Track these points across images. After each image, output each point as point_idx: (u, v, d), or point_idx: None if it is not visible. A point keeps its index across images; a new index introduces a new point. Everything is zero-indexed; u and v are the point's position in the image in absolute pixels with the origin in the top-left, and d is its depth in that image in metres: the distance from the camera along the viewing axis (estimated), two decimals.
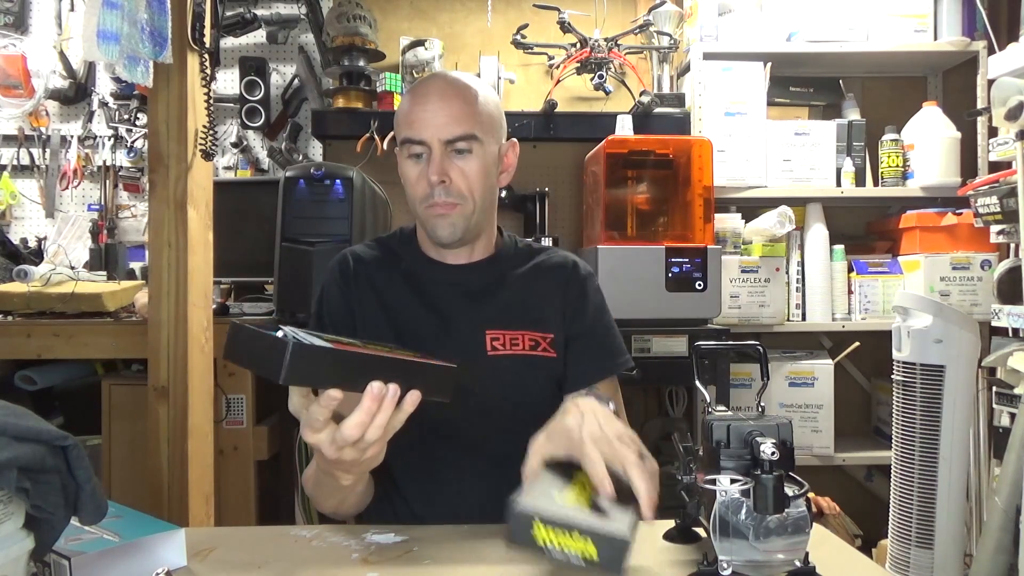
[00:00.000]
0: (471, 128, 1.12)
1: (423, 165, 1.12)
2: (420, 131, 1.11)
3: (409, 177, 1.15)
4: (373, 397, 0.76)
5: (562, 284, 1.21)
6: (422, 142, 1.11)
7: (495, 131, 1.17)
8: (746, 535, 0.74)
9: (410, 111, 1.13)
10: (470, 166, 1.12)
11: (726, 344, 1.08)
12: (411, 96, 1.16)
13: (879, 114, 2.60)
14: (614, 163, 2.22)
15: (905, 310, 2.01)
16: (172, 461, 1.67)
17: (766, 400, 0.85)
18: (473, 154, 1.13)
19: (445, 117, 1.11)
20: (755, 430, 0.75)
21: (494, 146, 1.17)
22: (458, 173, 1.12)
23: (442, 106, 1.11)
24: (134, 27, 1.45)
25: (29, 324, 2.04)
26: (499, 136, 1.19)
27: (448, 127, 1.11)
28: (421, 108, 1.12)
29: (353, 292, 1.18)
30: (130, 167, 2.69)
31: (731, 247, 2.44)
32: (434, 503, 1.10)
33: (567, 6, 2.48)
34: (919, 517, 1.95)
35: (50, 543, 0.68)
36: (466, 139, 1.12)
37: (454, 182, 1.12)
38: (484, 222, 1.19)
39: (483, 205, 1.16)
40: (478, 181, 1.13)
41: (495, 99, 1.19)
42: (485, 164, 1.14)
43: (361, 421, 0.76)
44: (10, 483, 0.60)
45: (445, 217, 1.13)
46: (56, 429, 0.64)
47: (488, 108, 1.15)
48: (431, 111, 1.11)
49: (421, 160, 1.13)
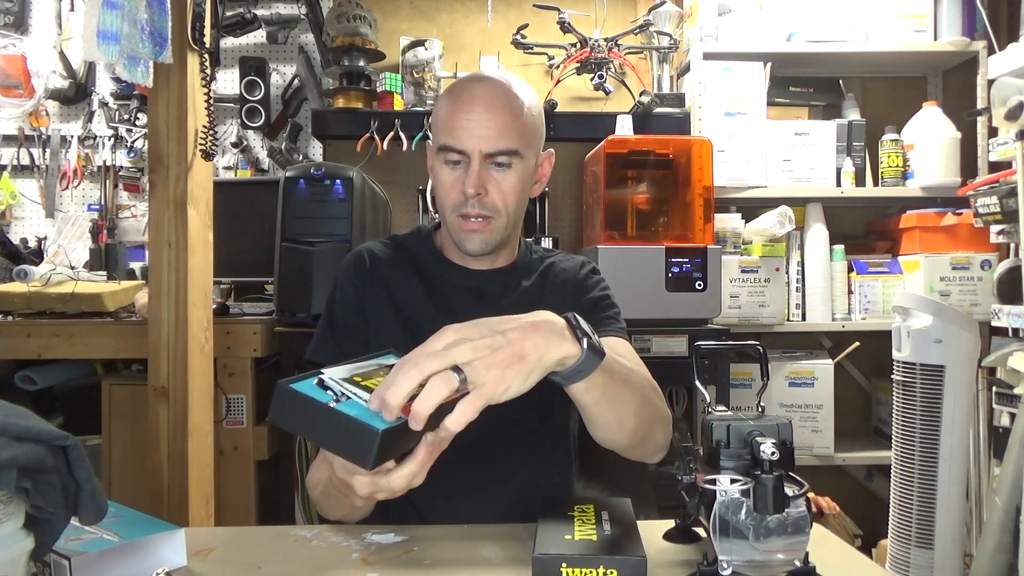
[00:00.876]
0: (514, 143, 1.08)
1: (459, 173, 1.09)
2: (461, 140, 1.07)
3: (443, 182, 1.11)
4: (428, 452, 0.71)
5: (571, 287, 1.21)
6: (462, 152, 1.07)
7: (536, 144, 1.14)
8: (746, 535, 0.74)
9: (452, 116, 1.08)
10: (508, 181, 1.09)
11: (726, 344, 1.08)
12: (453, 99, 1.10)
13: (879, 114, 2.61)
14: (614, 163, 2.22)
15: (905, 310, 2.01)
16: (172, 461, 1.67)
17: (766, 400, 0.85)
18: (512, 169, 1.09)
19: (489, 129, 1.06)
20: (755, 430, 0.75)
21: (533, 159, 1.14)
22: (495, 187, 1.09)
23: (487, 117, 1.06)
24: (134, 27, 1.45)
25: (29, 324, 2.04)
26: (538, 148, 1.15)
27: (491, 140, 1.06)
28: (465, 116, 1.07)
29: (367, 291, 1.16)
30: (130, 167, 2.69)
31: (731, 247, 2.44)
32: (439, 507, 1.10)
33: (567, 6, 2.48)
34: (919, 517, 1.95)
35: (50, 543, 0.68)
36: (508, 154, 1.08)
37: (490, 195, 1.09)
38: (513, 234, 1.17)
39: (515, 219, 1.14)
40: (513, 196, 1.10)
41: (539, 109, 1.15)
42: (523, 178, 1.11)
43: (412, 472, 0.71)
44: (10, 483, 0.60)
45: (478, 234, 1.10)
46: (56, 429, 0.64)
47: (532, 120, 1.12)
48: (475, 121, 1.06)
49: (458, 167, 1.09)
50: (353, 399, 0.68)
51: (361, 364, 0.78)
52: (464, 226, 1.10)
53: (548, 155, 1.19)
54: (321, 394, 0.67)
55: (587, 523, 0.86)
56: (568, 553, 0.77)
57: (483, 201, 1.08)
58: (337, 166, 2.14)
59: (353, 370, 0.75)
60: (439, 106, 1.13)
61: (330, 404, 0.66)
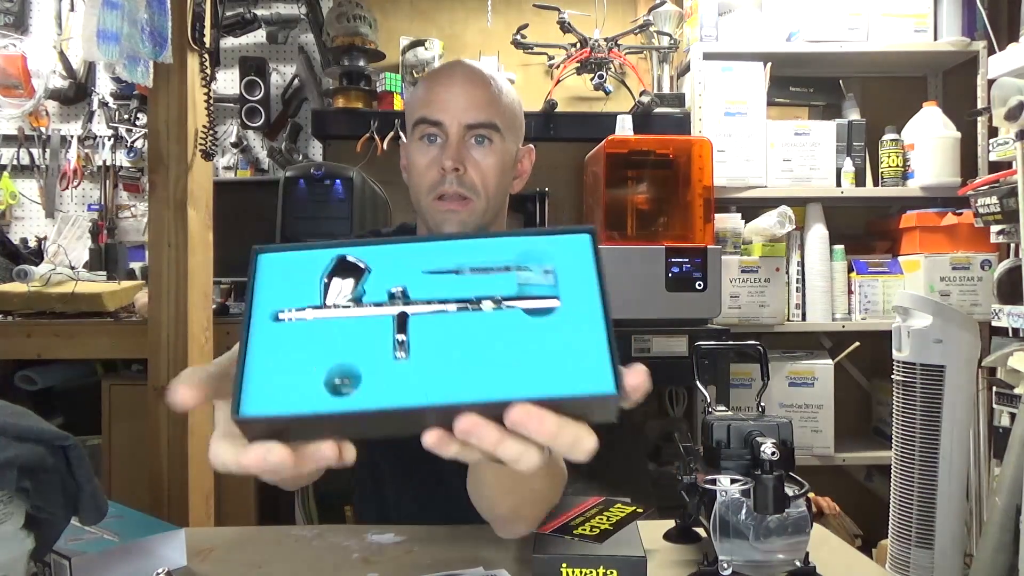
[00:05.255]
0: (494, 116, 1.05)
1: (436, 151, 1.05)
2: (439, 111, 1.03)
3: (418, 163, 1.06)
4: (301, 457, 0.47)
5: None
6: (439, 123, 1.03)
7: (515, 130, 1.11)
8: (746, 535, 0.74)
9: (429, 91, 1.06)
10: (488, 159, 1.05)
11: (726, 344, 1.08)
12: (431, 78, 1.10)
13: (879, 114, 2.60)
14: (614, 163, 2.22)
15: (905, 310, 2.01)
16: (172, 461, 1.67)
17: (766, 400, 0.85)
18: (493, 146, 1.06)
19: (468, 101, 1.04)
20: (755, 430, 0.75)
21: (513, 146, 1.10)
22: (474, 164, 1.04)
23: (466, 90, 1.04)
24: (134, 27, 1.45)
25: (29, 324, 2.04)
26: (518, 137, 1.12)
27: (470, 111, 1.03)
28: (444, 88, 1.05)
29: None
30: (130, 167, 2.69)
31: (731, 247, 2.44)
32: (437, 507, 1.10)
33: (567, 6, 2.48)
34: (919, 517, 1.95)
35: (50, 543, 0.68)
36: (487, 127, 1.05)
37: (468, 172, 1.04)
38: (492, 224, 1.12)
39: (494, 205, 1.09)
40: (493, 176, 1.06)
41: (519, 100, 1.13)
42: (503, 161, 1.07)
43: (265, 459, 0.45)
44: (10, 483, 0.60)
45: (455, 214, 1.05)
46: (56, 429, 0.64)
47: (511, 105, 1.09)
48: (454, 93, 1.04)
49: (434, 144, 1.05)
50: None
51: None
52: (440, 206, 1.05)
53: (528, 150, 1.16)
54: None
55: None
56: (568, 553, 0.77)
57: (462, 178, 1.04)
58: (337, 166, 2.14)
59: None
60: (414, 90, 1.11)
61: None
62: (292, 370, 0.43)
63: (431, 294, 0.47)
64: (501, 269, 0.48)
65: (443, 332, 0.45)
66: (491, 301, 0.46)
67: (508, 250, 0.49)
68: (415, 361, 0.44)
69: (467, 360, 0.43)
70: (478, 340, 0.44)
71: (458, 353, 0.44)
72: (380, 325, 0.45)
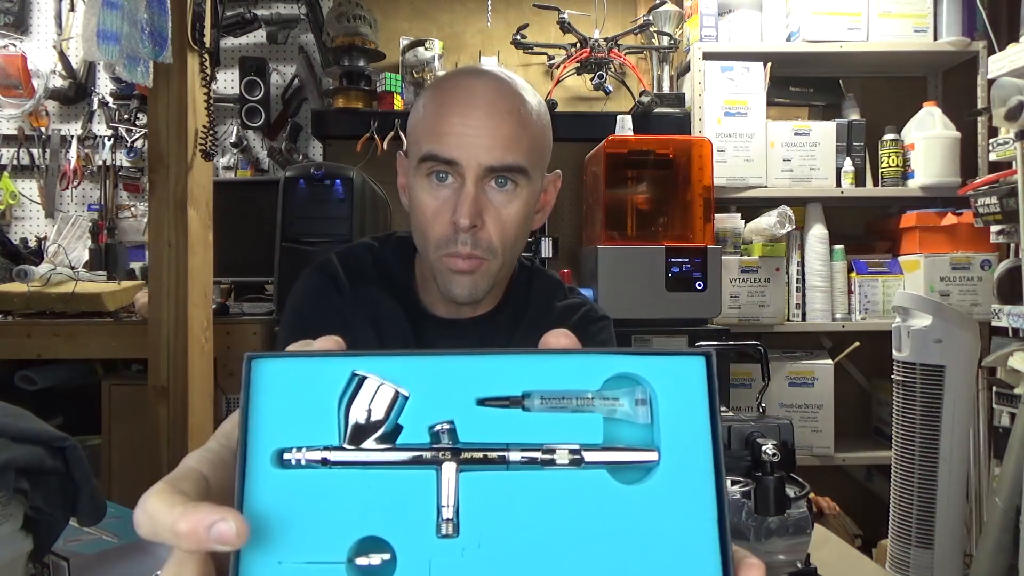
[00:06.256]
0: (522, 158, 0.85)
1: (447, 195, 0.85)
2: (453, 148, 0.83)
3: (424, 206, 0.86)
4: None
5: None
6: (454, 163, 0.84)
7: (544, 162, 0.92)
8: (747, 536, 0.73)
9: (441, 118, 0.85)
10: (510, 207, 0.86)
11: (726, 344, 1.08)
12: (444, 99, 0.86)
13: (879, 114, 2.60)
14: (614, 163, 2.22)
15: (905, 310, 2.01)
16: (172, 461, 1.67)
17: (765, 400, 0.85)
18: (517, 191, 0.87)
19: (492, 137, 0.84)
20: (756, 431, 0.75)
21: (539, 182, 0.92)
22: (493, 215, 0.86)
23: (490, 123, 0.84)
24: (134, 27, 1.45)
25: (29, 324, 2.04)
26: (545, 167, 0.93)
27: (494, 152, 0.84)
28: (460, 119, 0.84)
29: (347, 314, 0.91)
30: (130, 167, 2.69)
31: (731, 247, 2.44)
32: None
33: (567, 6, 2.48)
34: (919, 517, 1.95)
35: (49, 544, 0.68)
36: (513, 171, 0.85)
37: (486, 228, 0.85)
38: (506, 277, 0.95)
39: (512, 259, 0.91)
40: (514, 228, 0.88)
41: (548, 117, 0.93)
42: (527, 206, 0.89)
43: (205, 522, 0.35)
44: (9, 484, 0.60)
45: (466, 276, 0.87)
46: (54, 430, 0.64)
47: (542, 131, 0.90)
48: (474, 127, 0.83)
49: (445, 186, 0.86)
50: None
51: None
52: (452, 265, 0.87)
53: (555, 178, 0.98)
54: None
55: None
56: None
57: (477, 238, 0.85)
58: (337, 166, 2.14)
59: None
60: (422, 105, 0.89)
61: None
62: (306, 544, 0.33)
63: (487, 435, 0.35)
64: (583, 400, 0.36)
65: (500, 497, 0.34)
66: (568, 452, 0.35)
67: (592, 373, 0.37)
68: (467, 543, 0.34)
69: (534, 544, 0.34)
70: (548, 513, 0.34)
71: (521, 532, 0.34)
72: (419, 480, 0.34)
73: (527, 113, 0.87)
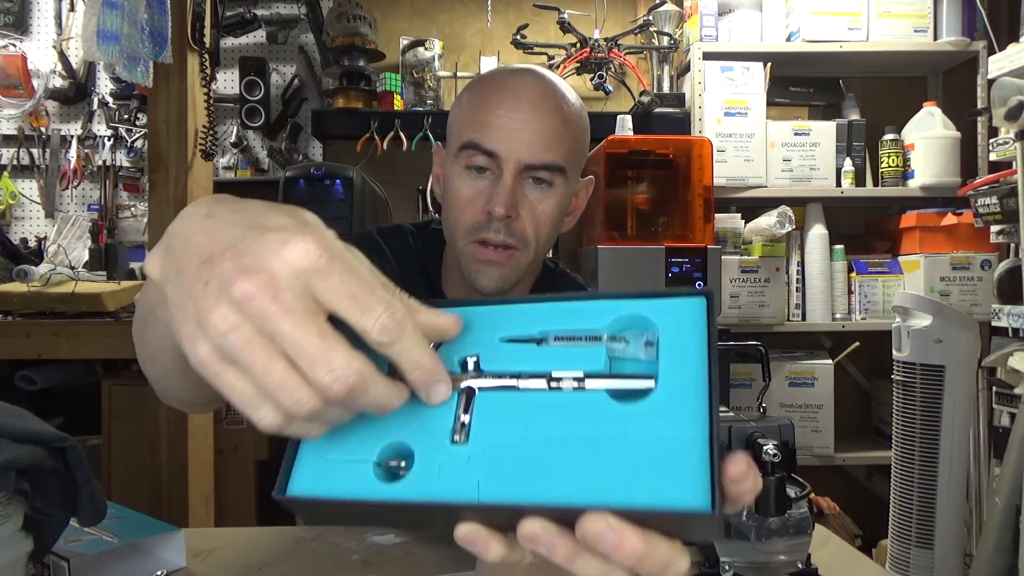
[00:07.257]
0: (561, 158, 0.87)
1: (483, 185, 0.87)
2: (495, 140, 0.85)
3: (460, 193, 0.88)
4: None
5: None
6: (494, 155, 0.86)
7: (580, 162, 0.94)
8: (748, 536, 0.73)
9: (486, 109, 0.87)
10: (545, 204, 0.88)
11: (726, 344, 1.08)
12: (490, 89, 0.89)
13: (879, 114, 2.60)
14: (614, 163, 2.22)
15: (905, 310, 2.01)
16: (172, 461, 1.67)
17: (766, 400, 0.85)
18: (553, 189, 0.88)
19: (534, 134, 0.85)
20: (757, 431, 0.75)
21: (574, 184, 0.94)
22: (528, 209, 0.87)
23: (534, 119, 0.86)
24: (134, 27, 1.45)
25: (29, 324, 2.04)
26: (581, 168, 0.95)
27: (535, 149, 0.86)
28: (506, 112, 0.85)
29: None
30: (130, 167, 2.69)
31: (731, 247, 2.44)
32: None
33: (567, 6, 2.48)
34: (919, 517, 1.95)
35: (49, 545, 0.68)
36: (551, 170, 0.87)
37: (520, 219, 0.87)
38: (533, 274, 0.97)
39: (542, 254, 0.92)
40: (547, 225, 0.89)
41: (587, 118, 0.93)
42: (561, 205, 0.90)
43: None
44: (8, 485, 0.60)
45: (496, 266, 0.88)
46: (55, 430, 0.64)
47: (582, 134, 0.92)
48: (518, 121, 0.85)
49: (483, 177, 0.88)
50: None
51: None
52: (480, 254, 0.88)
53: (587, 183, 0.98)
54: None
55: None
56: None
57: (511, 227, 0.87)
58: (337, 166, 2.15)
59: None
60: (466, 97, 0.91)
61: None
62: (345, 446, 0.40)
63: (507, 366, 0.41)
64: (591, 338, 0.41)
65: (510, 414, 0.39)
66: (572, 378, 0.39)
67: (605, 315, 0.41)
68: (473, 447, 0.39)
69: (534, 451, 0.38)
70: (550, 427, 0.38)
71: (524, 441, 0.38)
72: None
73: (570, 113, 0.89)
